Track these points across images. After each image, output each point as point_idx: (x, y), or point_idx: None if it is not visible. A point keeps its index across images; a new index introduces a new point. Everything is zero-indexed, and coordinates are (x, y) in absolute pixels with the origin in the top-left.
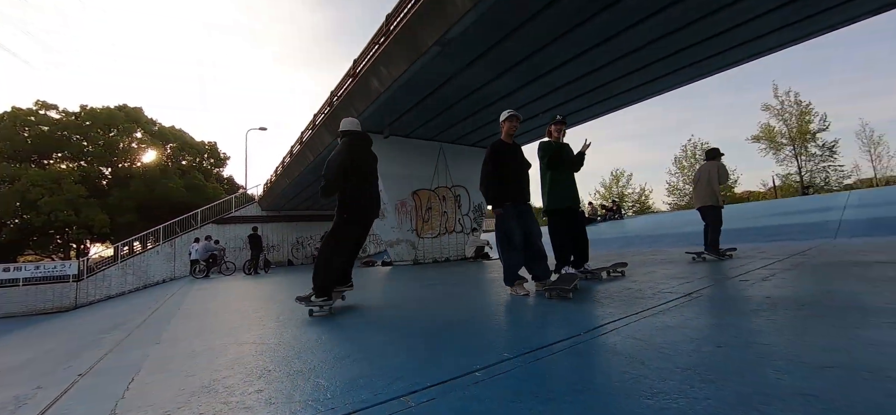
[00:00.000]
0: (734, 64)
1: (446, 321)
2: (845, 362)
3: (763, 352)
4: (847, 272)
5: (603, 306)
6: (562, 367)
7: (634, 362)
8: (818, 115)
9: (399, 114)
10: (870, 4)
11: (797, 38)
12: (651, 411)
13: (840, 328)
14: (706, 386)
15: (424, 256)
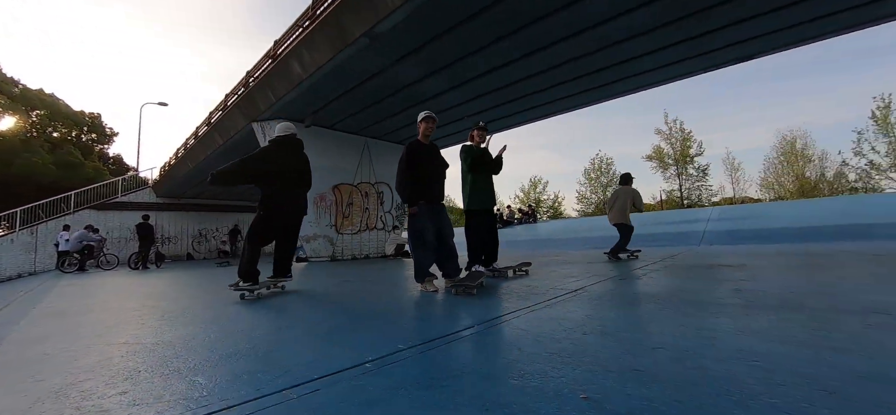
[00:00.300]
0: (636, 90)
1: (350, 316)
2: (672, 344)
3: (617, 338)
4: (698, 273)
5: (501, 301)
6: (449, 356)
7: (512, 349)
8: (697, 141)
9: (323, 103)
10: (730, 55)
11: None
12: (512, 390)
13: (678, 317)
14: (564, 367)
15: (343, 252)
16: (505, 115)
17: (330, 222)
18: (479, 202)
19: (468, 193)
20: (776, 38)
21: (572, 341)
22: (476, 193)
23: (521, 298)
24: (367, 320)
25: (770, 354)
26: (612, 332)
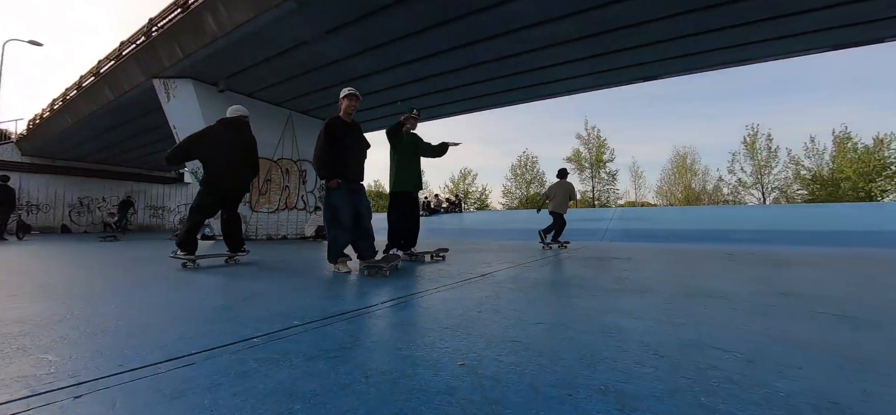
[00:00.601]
0: (559, 94)
1: (249, 294)
2: (551, 320)
3: (506, 315)
4: (592, 263)
5: (411, 282)
6: (345, 331)
7: (407, 326)
8: (610, 148)
9: (241, 68)
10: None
11: (597, 85)
12: (397, 359)
13: (564, 298)
14: (451, 339)
15: (257, 231)
16: (436, 103)
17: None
18: (402, 184)
19: (393, 174)
20: (671, 64)
21: (466, 318)
22: (400, 175)
23: (431, 281)
24: (267, 299)
25: (625, 327)
26: (504, 310)
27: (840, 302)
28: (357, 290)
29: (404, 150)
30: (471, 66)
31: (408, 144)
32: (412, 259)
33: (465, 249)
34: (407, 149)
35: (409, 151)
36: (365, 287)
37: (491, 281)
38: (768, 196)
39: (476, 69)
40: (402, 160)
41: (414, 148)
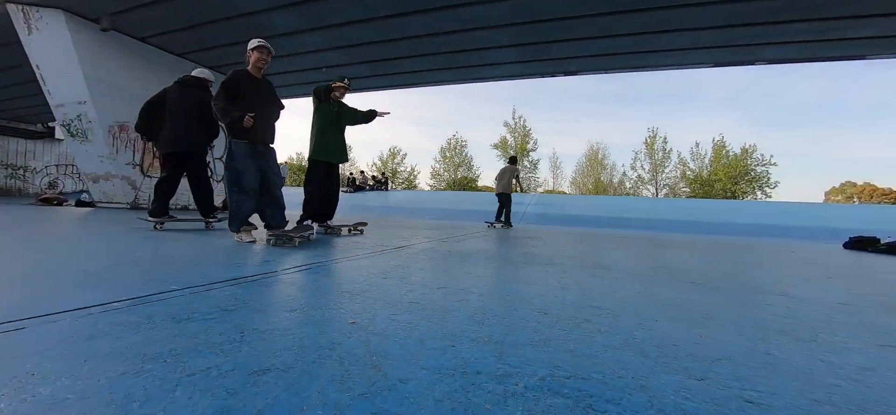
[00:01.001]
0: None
1: (125, 261)
2: (450, 285)
3: (409, 281)
4: (506, 241)
5: (321, 252)
6: (231, 296)
7: (304, 290)
8: (534, 138)
9: (129, 5)
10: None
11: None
12: (282, 319)
13: (470, 268)
14: (349, 301)
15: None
16: (365, 74)
17: (132, 160)
18: (323, 153)
19: (315, 141)
20: (589, 62)
21: (370, 283)
22: (322, 143)
23: (343, 251)
24: (146, 266)
25: (521, 292)
26: (411, 277)
27: (698, 274)
28: (258, 258)
29: (328, 117)
30: (403, 38)
31: (333, 112)
32: (328, 232)
33: (387, 225)
34: (331, 116)
35: (333, 119)
36: (268, 256)
37: (405, 253)
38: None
39: (408, 43)
40: (325, 127)
41: (339, 117)
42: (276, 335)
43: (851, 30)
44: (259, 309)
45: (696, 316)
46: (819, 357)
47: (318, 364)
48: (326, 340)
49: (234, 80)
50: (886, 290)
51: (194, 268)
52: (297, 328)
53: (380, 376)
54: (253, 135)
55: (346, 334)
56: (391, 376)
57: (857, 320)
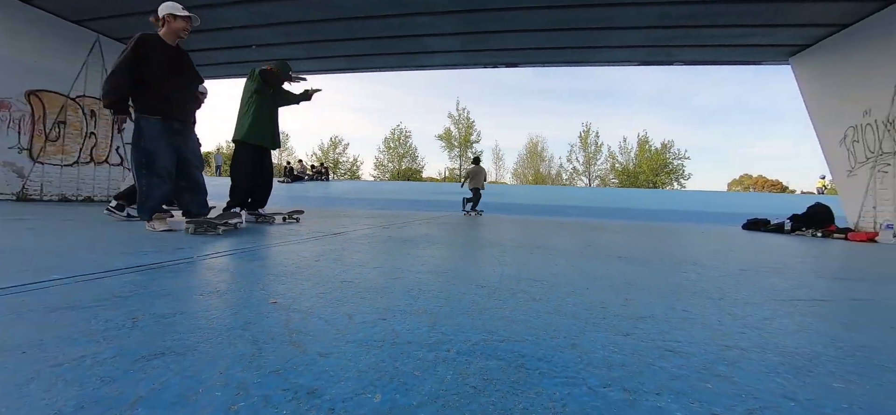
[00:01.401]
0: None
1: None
2: (390, 267)
3: (346, 263)
4: (451, 227)
5: (243, 239)
6: (125, 283)
7: (221, 273)
8: (477, 130)
9: None
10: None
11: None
12: (194, 303)
13: (412, 250)
14: (275, 283)
15: (45, 189)
16: (300, 56)
17: (18, 144)
18: (257, 136)
19: (248, 122)
20: (530, 54)
21: (301, 266)
22: (257, 125)
23: (274, 238)
24: (27, 256)
25: (461, 269)
26: (346, 260)
27: (624, 251)
28: (170, 245)
29: (267, 98)
30: (339, 19)
31: (269, 94)
32: (260, 220)
33: (327, 215)
34: (269, 98)
35: (270, 102)
36: (184, 243)
37: (343, 238)
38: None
39: (345, 24)
40: (263, 108)
41: (274, 99)
42: (180, 319)
43: (748, 37)
44: (163, 295)
45: (623, 284)
46: (727, 311)
47: (225, 346)
48: (240, 321)
49: (145, 45)
50: (775, 259)
51: (87, 256)
52: (205, 312)
53: (297, 353)
54: (167, 109)
55: (264, 313)
56: (310, 351)
57: (755, 281)
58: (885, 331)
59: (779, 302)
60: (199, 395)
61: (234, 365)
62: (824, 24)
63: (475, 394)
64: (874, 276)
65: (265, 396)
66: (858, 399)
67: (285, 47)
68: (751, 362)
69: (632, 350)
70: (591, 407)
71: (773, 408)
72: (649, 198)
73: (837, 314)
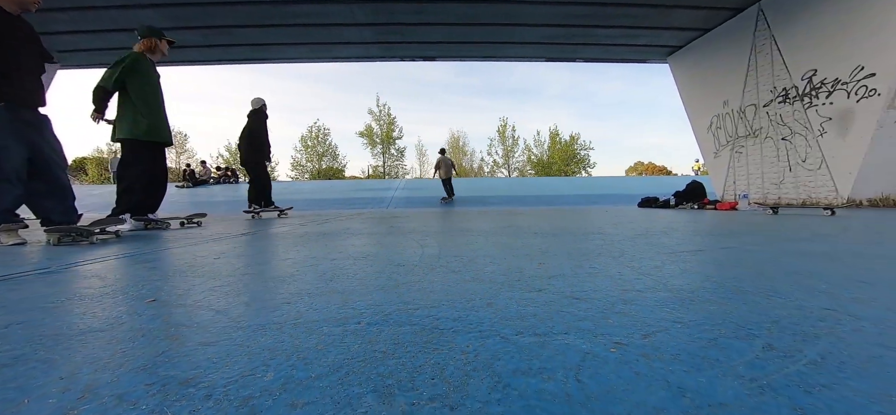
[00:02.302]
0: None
1: None
2: (304, 257)
3: (249, 258)
4: (370, 220)
5: (127, 246)
6: None
7: (88, 279)
8: (399, 126)
9: None
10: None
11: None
12: (38, 315)
13: (329, 242)
14: (156, 282)
15: None
16: (199, 42)
17: None
18: (153, 131)
19: (132, 116)
20: (447, 48)
21: (196, 264)
22: (146, 118)
23: (167, 243)
24: None
25: (378, 253)
26: (250, 255)
27: (539, 228)
28: (20, 259)
29: (151, 86)
30: (241, 2)
31: (155, 80)
32: (152, 226)
33: (236, 218)
34: (154, 86)
35: (156, 89)
36: (43, 256)
37: (251, 237)
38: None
39: (248, 9)
40: (149, 98)
41: (157, 85)
42: (14, 331)
43: (635, 38)
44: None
45: (537, 252)
46: (626, 265)
47: (75, 351)
48: (100, 322)
49: None
50: (664, 225)
51: None
52: (54, 320)
53: (173, 345)
54: (14, 94)
55: (138, 313)
56: (190, 343)
57: (649, 242)
58: (746, 268)
59: (667, 255)
60: (22, 407)
61: (83, 368)
62: (693, 28)
63: (383, 358)
64: (736, 231)
65: (119, 394)
66: (730, 315)
67: (179, 31)
68: (645, 299)
69: (543, 302)
70: (502, 352)
71: (664, 331)
72: (562, 185)
73: (712, 259)
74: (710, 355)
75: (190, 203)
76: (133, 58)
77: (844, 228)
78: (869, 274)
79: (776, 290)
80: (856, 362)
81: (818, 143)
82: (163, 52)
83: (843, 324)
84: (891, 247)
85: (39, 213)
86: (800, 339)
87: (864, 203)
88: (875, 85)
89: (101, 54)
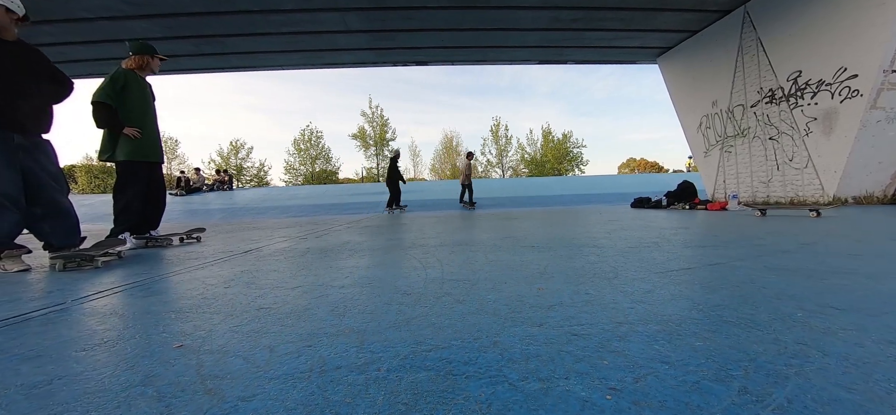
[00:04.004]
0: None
1: None
2: (312, 283)
3: (260, 286)
4: (370, 231)
5: (134, 270)
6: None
7: (108, 318)
8: (392, 128)
9: None
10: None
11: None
12: (76, 364)
13: (326, 260)
14: (178, 323)
15: None
16: (190, 51)
17: None
18: (145, 150)
19: (126, 138)
20: (438, 52)
21: (207, 296)
22: (144, 135)
23: (172, 264)
24: None
25: (383, 277)
26: (260, 281)
27: (535, 239)
28: (32, 291)
29: (140, 103)
30: (232, 12)
31: (144, 96)
32: (152, 244)
33: (233, 229)
34: (144, 102)
35: (146, 107)
36: (52, 286)
37: (255, 256)
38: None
39: (240, 18)
40: (139, 116)
41: (150, 102)
42: (58, 387)
43: (624, 40)
44: (30, 357)
45: (535, 273)
46: (620, 290)
47: (125, 409)
48: (139, 375)
49: None
50: (656, 235)
51: None
52: (92, 371)
53: (215, 402)
54: (15, 116)
55: (170, 361)
56: (230, 398)
57: (640, 257)
58: (730, 290)
59: (658, 275)
60: None
61: None
62: (681, 30)
63: (408, 411)
64: (725, 241)
65: None
66: (714, 354)
67: (170, 42)
68: (638, 334)
69: (544, 340)
70: (512, 402)
71: (654, 374)
72: (555, 184)
73: (699, 281)
74: (692, 402)
75: (185, 212)
76: (126, 76)
77: (827, 234)
78: (842, 297)
79: (756, 320)
80: (817, 406)
81: (804, 142)
82: (153, 69)
83: (811, 361)
84: (865, 261)
85: (39, 237)
86: (772, 380)
87: (850, 201)
88: (857, 86)
89: (92, 65)
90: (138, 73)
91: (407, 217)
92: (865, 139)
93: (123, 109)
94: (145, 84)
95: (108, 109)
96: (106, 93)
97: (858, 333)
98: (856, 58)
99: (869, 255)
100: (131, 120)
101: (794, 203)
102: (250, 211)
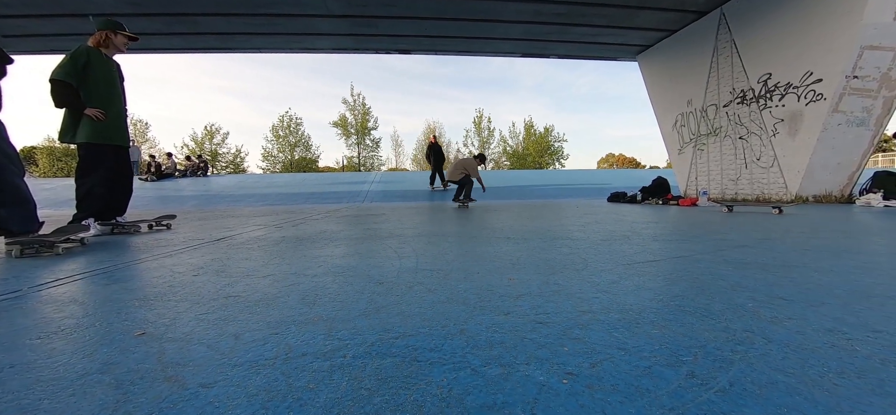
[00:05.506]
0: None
1: None
2: (284, 271)
3: (230, 274)
4: (348, 220)
5: (97, 257)
6: None
7: (66, 306)
8: (374, 117)
9: None
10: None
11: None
12: (29, 354)
13: (301, 249)
14: (139, 309)
15: None
16: (160, 30)
17: None
18: (112, 133)
19: (89, 119)
20: (422, 41)
21: (174, 284)
22: (110, 117)
23: (139, 252)
24: None
25: (356, 266)
26: (230, 270)
27: (512, 230)
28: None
29: (105, 82)
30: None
31: (110, 76)
32: (119, 231)
33: (207, 216)
34: (109, 82)
35: (111, 87)
36: (4, 272)
37: (227, 244)
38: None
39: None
40: (103, 97)
41: (116, 82)
42: (9, 375)
43: (605, 37)
44: None
45: (508, 264)
46: (587, 280)
47: (79, 397)
48: (96, 363)
49: None
50: (628, 228)
51: None
52: (47, 359)
53: (175, 388)
54: None
55: (130, 349)
56: (191, 384)
57: (611, 249)
58: (690, 282)
59: (624, 266)
60: None
61: None
62: (660, 28)
63: (370, 396)
64: (691, 236)
65: None
66: (668, 341)
67: (136, 19)
68: (599, 322)
69: (510, 327)
70: (472, 386)
71: (610, 359)
72: (536, 177)
73: (662, 273)
74: (642, 385)
75: (156, 198)
76: (88, 53)
77: (785, 231)
78: (790, 288)
79: (710, 310)
80: (755, 388)
81: (771, 142)
82: (119, 47)
83: (756, 347)
84: (815, 255)
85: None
86: (718, 365)
87: (810, 199)
88: (822, 90)
89: (52, 40)
90: (103, 51)
91: (386, 207)
92: (827, 141)
93: (85, 89)
94: (111, 63)
95: (67, 88)
96: (65, 71)
97: (800, 322)
98: (822, 63)
99: (818, 250)
100: (94, 100)
101: (760, 200)
102: (226, 199)
